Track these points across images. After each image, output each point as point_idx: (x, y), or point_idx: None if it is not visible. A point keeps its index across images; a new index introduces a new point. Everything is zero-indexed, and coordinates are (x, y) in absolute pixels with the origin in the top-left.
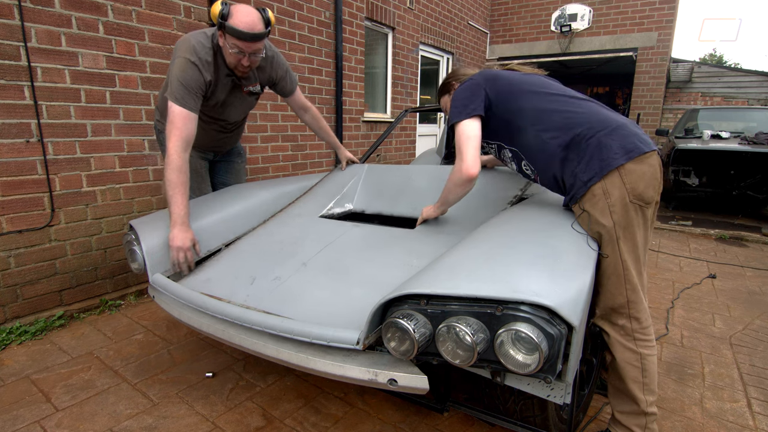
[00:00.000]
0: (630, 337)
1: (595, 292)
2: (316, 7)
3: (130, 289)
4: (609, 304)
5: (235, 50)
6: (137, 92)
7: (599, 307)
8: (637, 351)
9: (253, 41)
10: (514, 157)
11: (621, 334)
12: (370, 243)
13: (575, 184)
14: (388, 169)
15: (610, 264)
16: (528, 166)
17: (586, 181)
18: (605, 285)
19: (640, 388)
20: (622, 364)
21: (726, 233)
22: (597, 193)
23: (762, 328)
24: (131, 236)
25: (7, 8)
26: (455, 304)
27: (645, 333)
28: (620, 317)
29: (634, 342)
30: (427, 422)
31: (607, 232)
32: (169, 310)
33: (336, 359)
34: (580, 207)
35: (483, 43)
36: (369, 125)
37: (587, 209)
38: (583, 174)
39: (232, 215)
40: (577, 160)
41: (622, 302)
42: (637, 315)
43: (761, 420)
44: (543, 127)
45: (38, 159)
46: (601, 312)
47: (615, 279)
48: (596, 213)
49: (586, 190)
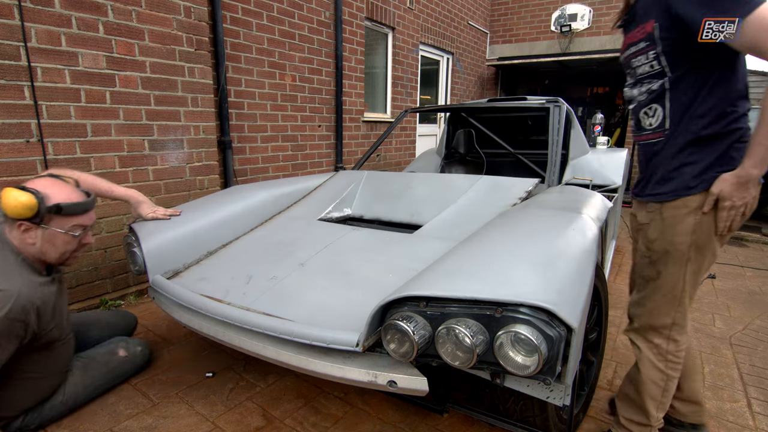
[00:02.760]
0: (662, 357)
1: (636, 303)
2: (316, 7)
3: (130, 289)
4: (652, 321)
5: (77, 232)
6: (137, 92)
7: (638, 320)
8: (665, 372)
9: (92, 207)
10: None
11: (654, 353)
12: (369, 245)
13: (674, 180)
14: (387, 175)
15: (668, 282)
16: (665, 114)
17: (690, 186)
18: (654, 301)
19: (656, 406)
20: (646, 380)
21: None
22: (690, 205)
23: (762, 328)
24: (131, 238)
25: (7, 8)
26: (455, 306)
27: (678, 356)
28: (658, 336)
29: (665, 363)
30: (426, 423)
31: (679, 251)
32: (169, 311)
33: (336, 361)
34: (658, 209)
35: (483, 43)
36: (369, 125)
37: (667, 216)
38: (693, 176)
39: (232, 216)
40: (706, 156)
41: (666, 323)
42: (676, 338)
43: (761, 420)
44: (736, 95)
45: (38, 159)
46: (639, 325)
47: (669, 299)
48: (676, 225)
49: (682, 195)
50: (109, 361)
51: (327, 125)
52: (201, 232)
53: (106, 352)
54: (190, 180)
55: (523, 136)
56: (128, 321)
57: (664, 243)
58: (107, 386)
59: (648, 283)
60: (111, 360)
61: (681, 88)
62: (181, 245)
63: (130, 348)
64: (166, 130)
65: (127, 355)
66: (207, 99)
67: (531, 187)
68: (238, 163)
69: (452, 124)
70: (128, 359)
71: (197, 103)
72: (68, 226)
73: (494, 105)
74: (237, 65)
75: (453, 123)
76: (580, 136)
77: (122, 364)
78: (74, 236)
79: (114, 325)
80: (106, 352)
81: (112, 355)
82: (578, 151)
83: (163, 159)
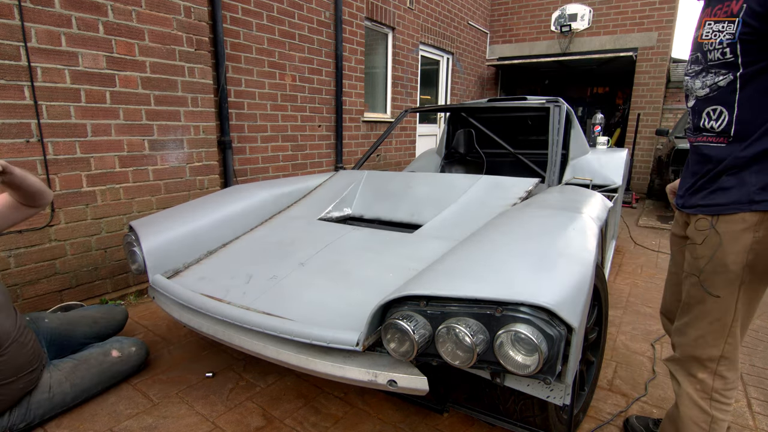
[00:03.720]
0: (706, 395)
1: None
2: (316, 7)
3: (130, 289)
4: (697, 352)
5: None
6: (137, 92)
7: (680, 350)
8: (709, 413)
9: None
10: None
11: (697, 389)
12: (369, 245)
13: (735, 190)
14: (387, 174)
15: (717, 307)
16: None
17: (755, 200)
18: (700, 329)
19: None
20: (686, 421)
21: None
22: (750, 220)
23: (762, 328)
24: (131, 237)
25: (7, 8)
26: (455, 305)
27: (726, 396)
28: (703, 370)
29: (710, 402)
30: (427, 422)
31: (732, 271)
32: (169, 311)
33: (336, 360)
34: (710, 223)
35: (483, 43)
36: (369, 125)
37: (722, 232)
38: (759, 188)
39: (232, 215)
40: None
41: (714, 355)
42: (725, 374)
43: (761, 420)
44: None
45: (38, 159)
46: (681, 356)
47: (717, 327)
48: (732, 242)
49: (743, 210)
50: (102, 362)
51: (327, 125)
52: (201, 231)
53: (100, 353)
54: (190, 180)
55: (523, 136)
56: (116, 314)
57: (716, 262)
58: (101, 386)
59: (693, 307)
60: (104, 360)
61: (754, 87)
62: (181, 245)
63: (124, 348)
64: (166, 130)
65: (120, 355)
66: (207, 99)
67: (531, 187)
68: (238, 163)
69: (452, 124)
70: (122, 360)
71: (197, 103)
72: None
73: (494, 105)
74: (237, 65)
75: (453, 123)
76: (580, 136)
77: (115, 364)
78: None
79: (101, 321)
80: (100, 353)
81: (105, 356)
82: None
83: (163, 159)
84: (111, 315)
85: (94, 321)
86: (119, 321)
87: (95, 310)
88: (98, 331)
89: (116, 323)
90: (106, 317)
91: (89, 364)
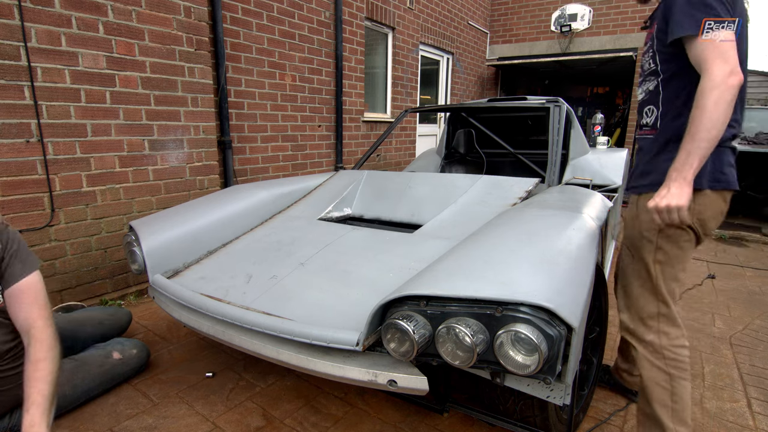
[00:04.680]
0: (659, 354)
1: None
2: (316, 7)
3: (130, 288)
4: (638, 311)
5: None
6: (137, 92)
7: (626, 313)
8: (666, 371)
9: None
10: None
11: (650, 350)
12: (369, 245)
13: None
14: (387, 174)
15: (642, 268)
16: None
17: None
18: (635, 287)
19: (668, 414)
20: (648, 383)
21: (726, 233)
22: None
23: (762, 328)
24: (131, 237)
25: (7, 8)
26: (455, 305)
27: (676, 353)
28: (648, 331)
29: (663, 360)
30: (427, 422)
31: (646, 237)
32: (169, 311)
33: (336, 360)
34: (635, 200)
35: (483, 43)
36: (369, 125)
37: (641, 206)
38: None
39: (232, 215)
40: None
41: (652, 312)
42: (666, 329)
43: (761, 420)
44: None
45: (38, 159)
46: (629, 319)
47: (648, 287)
48: (646, 216)
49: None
50: (103, 363)
51: (327, 125)
52: (201, 231)
53: (101, 354)
54: (190, 180)
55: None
56: (121, 317)
57: (636, 230)
58: (102, 388)
59: (626, 269)
60: (105, 362)
61: (671, 89)
62: (181, 244)
63: (125, 350)
64: (166, 130)
65: (122, 357)
66: (207, 99)
67: (531, 187)
68: (238, 163)
69: (452, 124)
70: (123, 362)
71: (197, 103)
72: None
73: (494, 105)
74: (237, 65)
75: (453, 123)
76: (580, 136)
77: (116, 366)
78: None
79: (106, 323)
80: (101, 354)
81: (107, 358)
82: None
83: (163, 159)
84: (116, 317)
85: (100, 322)
86: (124, 323)
87: (100, 312)
88: (103, 333)
89: (121, 325)
90: (111, 319)
91: (90, 365)
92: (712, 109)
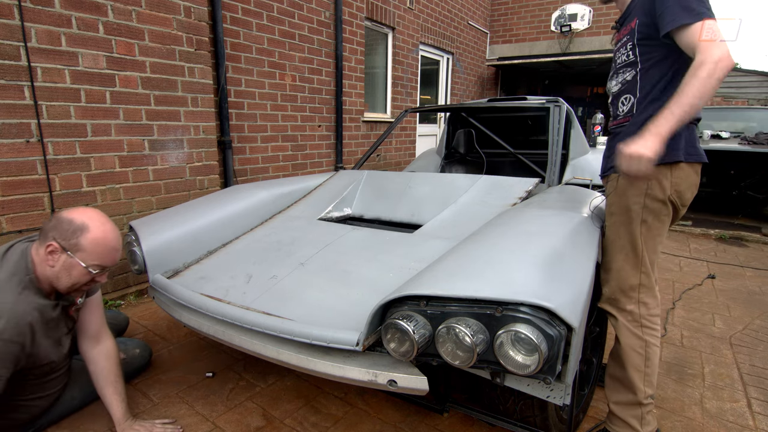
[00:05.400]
0: (637, 323)
1: (603, 268)
2: (316, 7)
3: (130, 288)
4: (620, 283)
5: (96, 270)
6: (137, 92)
7: (608, 287)
8: (642, 338)
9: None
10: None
11: (629, 319)
12: (369, 245)
13: None
14: (387, 174)
15: (627, 241)
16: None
17: None
18: (618, 261)
19: (641, 377)
20: (626, 349)
21: (726, 233)
22: None
23: (762, 328)
24: (131, 237)
25: (7, 8)
26: (455, 305)
27: (652, 322)
28: (629, 302)
29: (641, 329)
30: (427, 422)
31: (634, 210)
32: (169, 311)
33: (336, 360)
34: (616, 178)
35: (483, 43)
36: (369, 125)
37: (622, 182)
38: None
39: (232, 215)
40: None
41: (634, 284)
42: (646, 300)
43: (761, 420)
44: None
45: (38, 159)
46: (610, 292)
47: (632, 260)
48: (630, 188)
49: None
50: None
51: (327, 125)
52: (201, 231)
53: None
54: (190, 180)
55: (523, 136)
56: (120, 321)
57: (621, 206)
58: None
59: (610, 245)
60: None
61: (648, 78)
62: (181, 244)
63: (128, 350)
64: (166, 130)
65: (125, 357)
66: (207, 99)
67: (531, 187)
68: (238, 163)
69: (452, 124)
70: (126, 362)
71: (197, 103)
72: (91, 262)
73: (494, 105)
74: (237, 65)
75: (453, 123)
76: (580, 136)
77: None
78: (91, 272)
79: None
80: None
81: None
82: (578, 151)
83: (163, 159)
84: (117, 321)
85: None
86: (122, 326)
87: None
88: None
89: (120, 328)
90: (113, 323)
91: None
92: (704, 81)
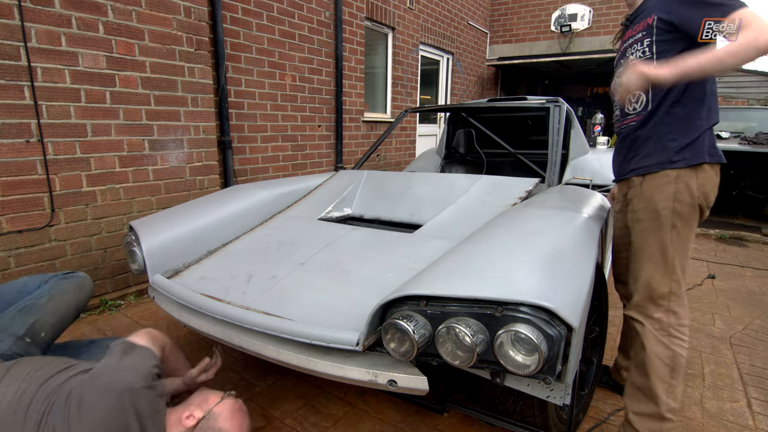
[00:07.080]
0: (665, 332)
1: (632, 278)
2: (316, 7)
3: (130, 288)
4: (650, 292)
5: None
6: (137, 92)
7: (637, 295)
8: (670, 348)
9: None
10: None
11: (656, 327)
12: (369, 245)
13: (658, 154)
14: (387, 174)
15: (656, 249)
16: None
17: (673, 160)
18: (647, 269)
19: (665, 389)
20: (651, 357)
21: (726, 233)
22: (671, 175)
23: (762, 328)
24: (131, 237)
25: (7, 8)
26: (455, 305)
27: (681, 331)
28: (658, 309)
29: (669, 338)
30: (427, 422)
31: (663, 216)
32: (169, 311)
33: (336, 360)
34: (640, 182)
35: (483, 43)
36: (369, 125)
37: (650, 186)
38: (675, 152)
39: (231, 215)
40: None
41: (664, 292)
42: (676, 309)
43: (761, 420)
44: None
45: (38, 159)
46: (639, 300)
47: (662, 267)
48: (659, 193)
49: (665, 168)
50: None
51: (327, 125)
52: (201, 231)
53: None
54: (190, 180)
55: (523, 136)
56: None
57: (648, 211)
58: None
59: (638, 253)
60: None
61: None
62: (181, 245)
63: None
64: (166, 130)
65: None
66: (207, 99)
67: (531, 187)
68: (238, 163)
69: (452, 124)
70: None
71: (197, 103)
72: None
73: (494, 105)
74: (237, 65)
75: (453, 123)
76: (580, 136)
77: None
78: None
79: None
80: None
81: None
82: (578, 151)
83: (163, 159)
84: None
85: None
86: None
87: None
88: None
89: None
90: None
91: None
92: (735, 51)
